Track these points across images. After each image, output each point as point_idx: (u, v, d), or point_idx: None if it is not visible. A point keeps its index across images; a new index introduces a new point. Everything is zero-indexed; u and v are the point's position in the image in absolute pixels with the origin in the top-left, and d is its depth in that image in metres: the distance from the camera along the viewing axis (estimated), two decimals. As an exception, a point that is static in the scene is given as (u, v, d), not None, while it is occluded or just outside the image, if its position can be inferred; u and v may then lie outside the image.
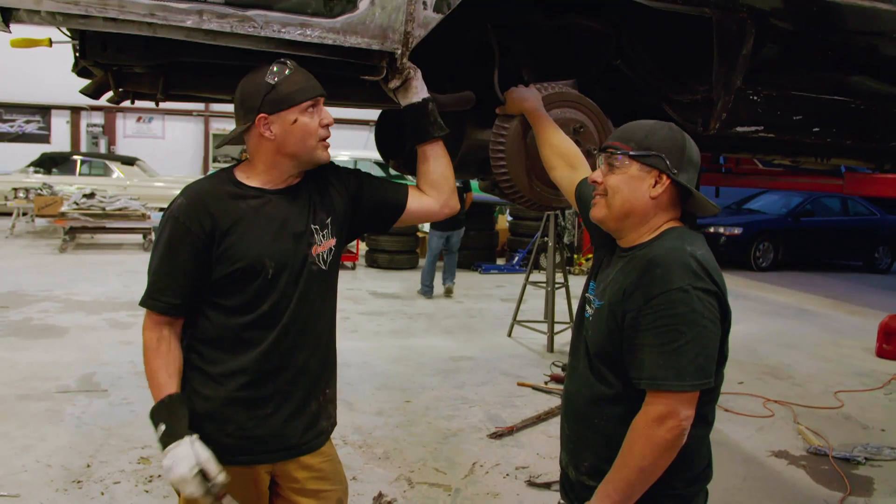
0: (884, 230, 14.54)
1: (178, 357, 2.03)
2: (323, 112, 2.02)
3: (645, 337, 1.71)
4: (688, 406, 1.70)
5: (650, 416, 1.70)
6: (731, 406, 5.70)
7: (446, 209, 2.30)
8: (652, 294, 1.70)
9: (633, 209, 1.83)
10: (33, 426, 4.61)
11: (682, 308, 1.68)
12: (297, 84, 1.97)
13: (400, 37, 2.06)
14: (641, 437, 1.71)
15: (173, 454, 1.90)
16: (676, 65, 2.73)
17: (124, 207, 12.92)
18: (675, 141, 1.83)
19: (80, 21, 1.87)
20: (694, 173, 1.85)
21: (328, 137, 2.03)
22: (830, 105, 2.78)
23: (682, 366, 1.67)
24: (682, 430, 1.70)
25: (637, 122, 1.90)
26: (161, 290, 1.99)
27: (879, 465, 4.70)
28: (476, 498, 3.96)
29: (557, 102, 2.53)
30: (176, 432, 1.92)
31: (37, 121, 20.86)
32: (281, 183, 2.08)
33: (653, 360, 1.70)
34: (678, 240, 1.78)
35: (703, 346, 1.69)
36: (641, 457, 1.71)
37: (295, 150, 2.02)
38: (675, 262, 1.71)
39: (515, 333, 7.68)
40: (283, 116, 1.98)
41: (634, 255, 1.83)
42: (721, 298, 1.74)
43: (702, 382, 1.70)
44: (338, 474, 2.29)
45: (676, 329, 1.68)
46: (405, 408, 5.33)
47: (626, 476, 1.74)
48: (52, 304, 8.08)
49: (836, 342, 8.16)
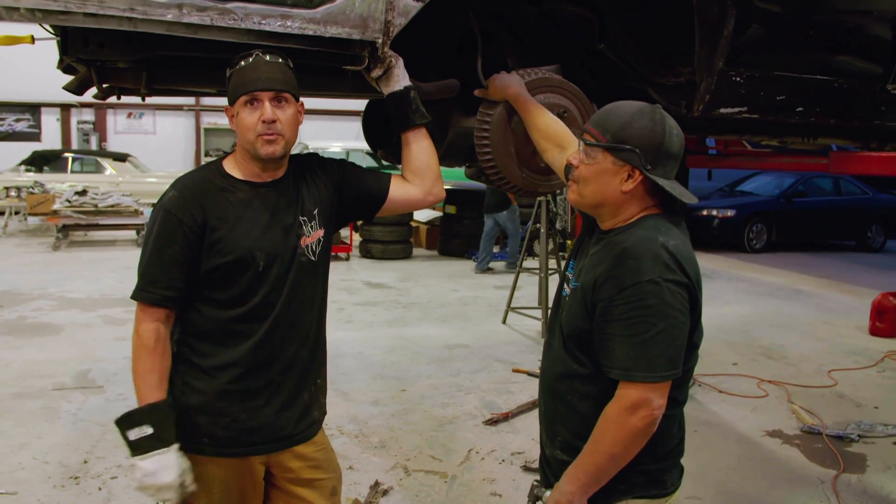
0: (876, 209, 14.58)
1: (169, 359, 2.03)
2: (265, 107, 1.97)
3: (616, 327, 1.73)
4: (659, 395, 1.72)
5: (622, 404, 1.72)
6: (726, 387, 5.74)
7: (430, 197, 2.30)
8: (624, 285, 1.71)
9: (604, 200, 1.83)
10: (30, 424, 4.62)
11: (652, 300, 1.69)
12: (242, 78, 1.97)
13: (380, 26, 2.06)
14: (613, 424, 1.73)
15: (160, 460, 1.90)
16: (659, 48, 2.73)
17: (117, 204, 12.89)
18: (654, 134, 1.78)
19: (59, 17, 1.86)
20: (672, 165, 1.82)
21: (269, 133, 1.98)
22: (814, 85, 2.78)
23: (653, 357, 1.69)
24: (654, 418, 1.73)
25: (620, 106, 1.85)
26: (153, 281, 1.98)
27: (872, 442, 4.74)
28: (472, 484, 3.99)
29: (541, 88, 2.53)
30: (164, 438, 1.93)
31: (27, 119, 20.79)
32: (266, 176, 2.08)
33: (623, 351, 1.71)
34: (652, 230, 1.78)
35: (673, 337, 1.71)
36: (613, 444, 1.74)
37: (242, 143, 2.03)
38: (647, 254, 1.72)
39: (510, 320, 7.70)
40: (233, 110, 2.01)
41: (609, 240, 1.83)
42: (691, 289, 1.74)
43: (672, 373, 1.72)
44: (331, 462, 2.31)
45: (647, 321, 1.69)
46: (401, 397, 5.36)
47: (596, 461, 1.76)
48: (46, 302, 8.08)
49: (829, 322, 8.20)
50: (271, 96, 1.97)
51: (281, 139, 2.00)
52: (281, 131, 1.99)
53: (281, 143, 2.01)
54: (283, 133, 2.00)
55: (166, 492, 1.89)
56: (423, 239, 13.05)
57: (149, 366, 1.98)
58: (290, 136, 2.03)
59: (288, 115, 2.01)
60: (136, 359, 2.00)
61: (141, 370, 1.98)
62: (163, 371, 2.00)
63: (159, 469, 1.89)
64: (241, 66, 1.97)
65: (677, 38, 2.61)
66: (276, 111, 1.98)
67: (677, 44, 2.63)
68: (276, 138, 1.99)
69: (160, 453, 1.91)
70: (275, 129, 1.98)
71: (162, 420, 1.95)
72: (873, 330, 7.61)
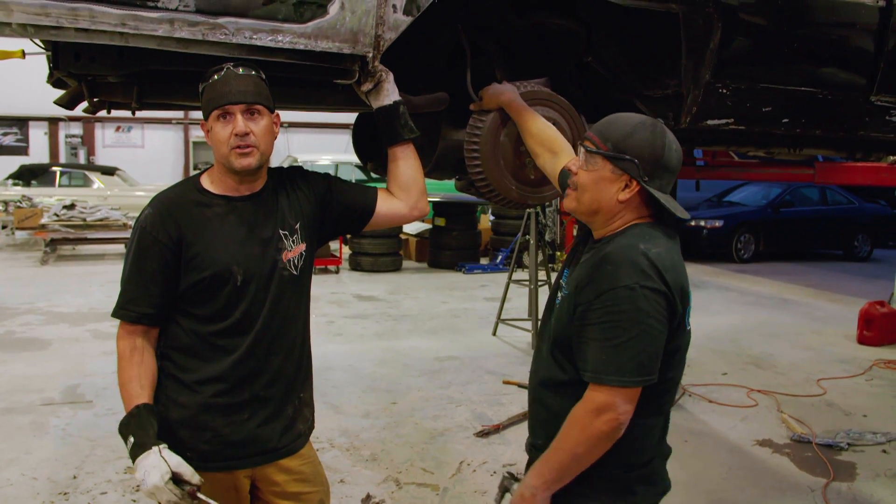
0: (862, 218, 14.69)
1: (151, 367, 2.03)
2: (237, 120, 1.96)
3: (591, 331, 1.76)
4: (627, 401, 1.74)
5: (589, 406, 1.75)
6: (716, 397, 5.76)
7: (415, 212, 2.32)
8: (601, 290, 1.74)
9: (600, 208, 1.86)
10: (18, 439, 4.59)
11: (626, 305, 1.71)
12: (214, 92, 1.97)
13: (371, 40, 2.07)
14: (578, 424, 1.76)
15: (143, 465, 1.88)
16: (646, 60, 2.76)
17: (105, 218, 12.86)
18: (654, 147, 1.82)
19: (51, 32, 1.87)
20: (669, 179, 1.85)
21: (243, 146, 1.97)
22: (799, 96, 2.81)
23: (623, 362, 1.71)
24: (620, 423, 1.74)
25: (623, 116, 1.88)
26: (132, 300, 2.00)
27: (862, 450, 4.77)
28: (464, 496, 3.99)
29: (529, 101, 2.54)
30: (144, 443, 1.91)
31: (14, 133, 20.71)
32: (244, 189, 2.08)
33: (595, 355, 1.74)
34: (635, 237, 1.80)
35: (646, 343, 1.73)
36: (576, 443, 1.76)
37: (217, 157, 2.03)
38: (626, 260, 1.74)
39: (500, 332, 7.70)
40: (207, 124, 2.02)
41: (600, 247, 1.85)
42: (669, 298, 1.75)
43: (642, 379, 1.73)
44: (318, 476, 2.30)
45: (620, 326, 1.71)
46: (391, 409, 5.35)
47: (560, 458, 1.80)
48: (34, 317, 8.03)
49: (817, 330, 8.24)
50: (243, 109, 1.97)
51: (255, 151, 2.00)
52: (255, 143, 1.99)
53: (256, 156, 2.00)
54: (257, 145, 1.99)
55: (161, 493, 1.87)
56: (413, 251, 13.04)
57: (127, 376, 1.99)
58: (264, 148, 2.02)
59: (261, 126, 2.00)
60: (118, 372, 2.02)
61: (122, 381, 2.00)
62: (141, 377, 1.99)
63: (146, 473, 1.87)
64: (213, 80, 1.97)
65: (664, 50, 2.64)
66: (248, 124, 1.97)
67: (664, 56, 2.66)
68: (251, 150, 1.99)
69: (143, 458, 1.89)
70: (248, 140, 1.97)
71: (140, 426, 1.94)
72: (861, 338, 7.65)
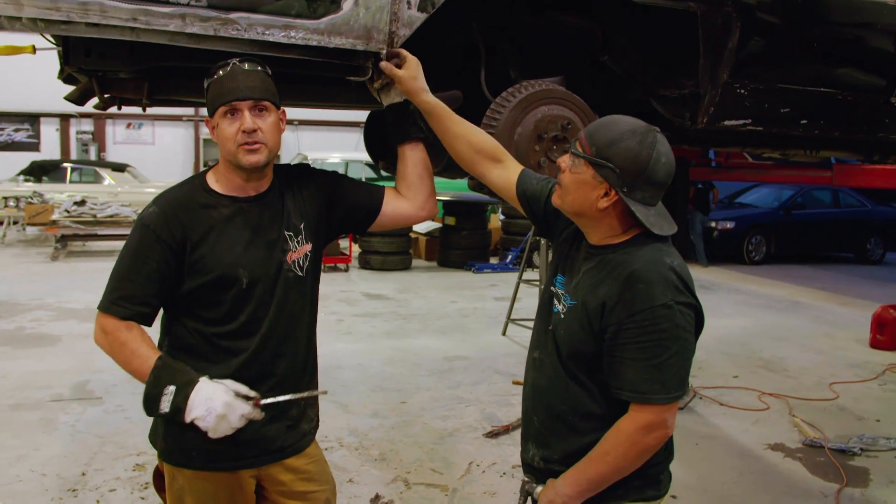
0: (875, 221, 14.59)
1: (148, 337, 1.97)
2: (245, 116, 1.93)
3: (628, 350, 1.72)
4: (672, 414, 1.76)
5: (639, 423, 1.73)
6: (727, 400, 5.71)
7: (423, 212, 2.27)
8: (635, 310, 1.70)
9: (582, 212, 1.82)
10: (27, 436, 4.58)
11: (666, 324, 1.69)
12: (220, 88, 1.94)
13: (384, 37, 2.05)
14: (628, 440, 1.74)
15: (199, 398, 1.85)
16: (663, 60, 2.73)
17: (115, 214, 12.88)
18: (638, 157, 1.73)
19: (62, 27, 1.86)
20: (653, 192, 1.77)
21: (250, 142, 1.94)
22: (818, 97, 2.79)
23: (668, 379, 1.71)
24: (668, 436, 1.78)
25: (615, 120, 1.80)
26: (128, 297, 1.94)
27: (875, 455, 4.72)
28: (473, 497, 3.96)
29: (544, 99, 2.52)
30: (189, 380, 1.88)
31: (26, 129, 20.79)
32: (250, 188, 2.05)
33: (637, 374, 1.72)
34: (657, 251, 1.77)
35: (685, 358, 1.74)
36: (623, 458, 1.75)
37: (224, 154, 2.00)
38: (658, 278, 1.71)
39: (510, 332, 7.67)
40: (213, 121, 1.98)
41: (606, 257, 1.80)
42: (698, 309, 1.77)
43: (683, 391, 1.76)
44: (324, 475, 2.28)
45: (661, 344, 1.70)
46: (400, 409, 5.33)
47: (602, 471, 1.78)
48: (44, 313, 8.05)
49: (829, 334, 8.17)
50: (250, 105, 1.94)
51: (263, 148, 1.97)
52: (263, 140, 1.96)
53: (264, 152, 1.97)
54: (265, 142, 1.96)
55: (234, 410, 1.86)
56: (423, 250, 13.03)
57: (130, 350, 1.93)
58: (272, 145, 1.99)
59: (269, 123, 1.97)
60: (118, 356, 1.95)
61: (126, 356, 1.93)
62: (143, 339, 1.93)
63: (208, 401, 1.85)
64: (219, 76, 1.94)
65: (681, 50, 2.61)
66: (256, 120, 1.94)
67: (681, 56, 2.63)
68: (259, 147, 1.96)
69: (196, 393, 1.86)
70: (256, 137, 1.94)
71: (176, 370, 1.90)
72: (874, 342, 7.58)
